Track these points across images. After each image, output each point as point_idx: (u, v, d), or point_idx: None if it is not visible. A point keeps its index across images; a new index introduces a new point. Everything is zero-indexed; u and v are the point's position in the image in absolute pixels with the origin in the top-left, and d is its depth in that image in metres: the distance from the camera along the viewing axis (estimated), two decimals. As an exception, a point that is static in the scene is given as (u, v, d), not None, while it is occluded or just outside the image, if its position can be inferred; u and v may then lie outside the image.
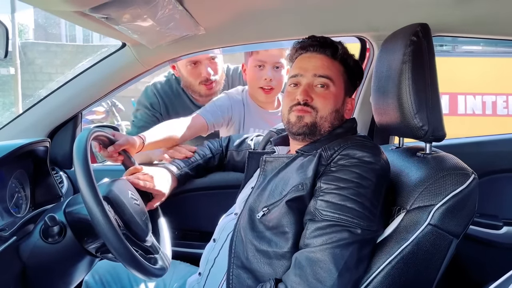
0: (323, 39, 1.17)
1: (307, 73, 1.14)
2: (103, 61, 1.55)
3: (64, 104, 1.58)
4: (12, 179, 1.20)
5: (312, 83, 1.14)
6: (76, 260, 1.07)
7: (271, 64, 1.70)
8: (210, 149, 1.53)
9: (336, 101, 1.14)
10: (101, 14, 1.03)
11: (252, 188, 1.16)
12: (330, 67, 1.14)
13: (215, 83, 1.93)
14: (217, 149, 1.54)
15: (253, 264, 1.03)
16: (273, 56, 1.70)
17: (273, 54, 1.70)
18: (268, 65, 1.70)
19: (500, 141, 1.86)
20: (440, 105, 1.05)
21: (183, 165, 1.46)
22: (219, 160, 1.54)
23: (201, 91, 1.93)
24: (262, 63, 1.71)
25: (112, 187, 1.08)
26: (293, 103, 1.14)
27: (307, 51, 1.18)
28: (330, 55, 1.15)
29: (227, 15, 1.38)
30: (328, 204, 0.97)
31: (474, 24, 1.44)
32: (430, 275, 0.99)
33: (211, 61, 1.89)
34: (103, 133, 1.17)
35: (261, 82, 1.72)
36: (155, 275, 1.02)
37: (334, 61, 1.16)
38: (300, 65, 1.17)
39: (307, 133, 1.12)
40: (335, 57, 1.16)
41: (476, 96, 3.99)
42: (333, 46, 1.16)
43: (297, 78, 1.16)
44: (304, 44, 1.18)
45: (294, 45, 1.21)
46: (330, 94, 1.13)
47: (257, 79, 1.73)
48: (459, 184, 0.95)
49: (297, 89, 1.14)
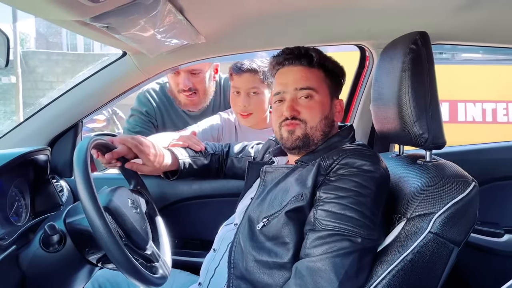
0: (297, 50, 1.16)
1: (289, 88, 1.14)
2: (103, 70, 1.55)
3: (64, 112, 1.58)
4: (12, 187, 1.20)
5: (295, 97, 1.13)
6: (76, 269, 1.07)
7: (245, 91, 1.68)
8: (212, 149, 1.54)
9: (323, 108, 1.14)
10: (102, 23, 1.04)
11: (252, 199, 1.16)
12: (309, 77, 1.14)
13: (196, 95, 1.93)
14: (218, 150, 1.55)
15: (253, 275, 1.03)
16: (247, 82, 1.67)
17: (247, 80, 1.67)
18: (243, 91, 1.68)
19: (500, 149, 1.86)
20: (440, 112, 1.06)
21: (187, 155, 1.46)
22: (218, 163, 1.54)
23: (181, 99, 1.95)
24: (237, 90, 1.70)
25: (112, 196, 1.08)
26: (281, 119, 1.14)
27: (284, 65, 1.18)
28: (307, 64, 1.15)
29: (227, 24, 1.39)
30: (328, 213, 0.97)
31: (473, 32, 1.44)
32: (431, 283, 0.98)
33: (193, 75, 1.89)
34: (103, 141, 1.17)
35: (237, 108, 1.72)
36: (155, 284, 1.01)
37: (312, 69, 1.15)
38: (280, 81, 1.17)
39: (300, 146, 1.12)
40: (312, 65, 1.15)
41: (476, 103, 4.00)
42: (308, 55, 1.15)
43: (281, 95, 1.16)
44: (279, 59, 1.18)
45: (270, 61, 1.21)
46: (316, 103, 1.13)
47: (234, 105, 1.74)
48: (460, 192, 0.95)
49: (282, 105, 1.15)
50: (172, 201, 1.60)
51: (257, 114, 1.71)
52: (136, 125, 1.96)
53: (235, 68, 1.68)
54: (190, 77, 1.89)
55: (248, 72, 1.65)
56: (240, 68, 1.66)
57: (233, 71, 1.69)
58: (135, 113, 1.99)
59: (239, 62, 1.68)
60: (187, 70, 1.87)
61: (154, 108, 1.99)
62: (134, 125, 1.96)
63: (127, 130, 1.99)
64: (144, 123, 1.96)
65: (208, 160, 1.51)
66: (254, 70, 1.65)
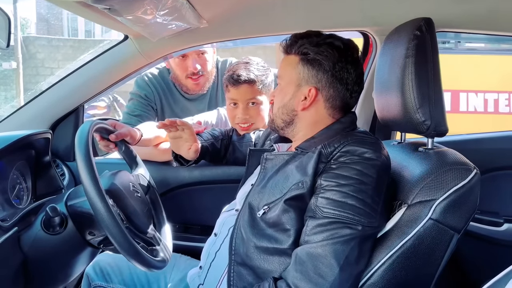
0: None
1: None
2: (105, 54, 1.55)
3: (66, 96, 1.57)
4: (14, 170, 1.20)
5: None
6: (77, 251, 1.07)
7: (243, 103, 1.58)
8: (221, 133, 1.55)
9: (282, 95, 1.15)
10: (104, 5, 1.03)
11: (252, 185, 1.16)
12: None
13: (202, 78, 1.92)
14: (225, 136, 1.56)
15: (253, 260, 1.03)
16: (245, 94, 1.57)
17: (245, 92, 1.57)
18: (241, 103, 1.58)
19: (501, 138, 1.86)
20: (442, 100, 1.05)
21: (202, 138, 1.48)
22: (224, 147, 1.55)
23: (187, 85, 1.94)
24: (235, 101, 1.59)
25: (114, 180, 1.08)
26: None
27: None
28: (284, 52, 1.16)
29: (229, 8, 1.38)
30: (329, 201, 0.96)
31: (478, 19, 1.43)
32: (431, 269, 0.98)
33: (200, 56, 1.89)
34: (104, 125, 1.17)
35: (236, 120, 1.61)
36: (156, 267, 1.02)
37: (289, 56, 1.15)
38: None
39: (273, 128, 1.18)
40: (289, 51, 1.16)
41: (478, 93, 3.98)
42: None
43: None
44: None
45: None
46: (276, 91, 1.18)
47: (232, 118, 1.63)
48: (461, 179, 0.95)
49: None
50: (173, 186, 1.60)
51: (258, 124, 1.62)
52: (135, 108, 1.94)
53: (231, 80, 1.56)
54: (197, 59, 1.89)
55: (246, 83, 1.54)
56: (237, 80, 1.54)
57: (229, 83, 1.57)
58: (134, 97, 1.98)
59: (235, 74, 1.55)
60: (193, 52, 1.86)
61: (153, 92, 1.97)
62: (133, 108, 1.95)
63: (126, 114, 1.97)
64: (143, 106, 1.95)
65: (219, 145, 1.52)
66: (252, 81, 1.54)
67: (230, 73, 1.55)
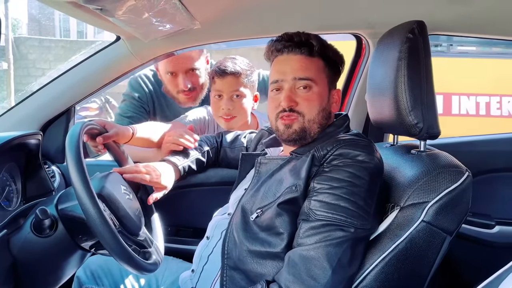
0: (298, 38, 1.11)
1: (287, 77, 1.10)
2: (97, 54, 1.53)
3: (57, 97, 1.56)
4: (3, 172, 1.19)
5: (294, 87, 1.10)
6: (68, 254, 1.06)
7: (228, 94, 1.63)
8: (207, 144, 1.52)
9: (321, 100, 1.11)
10: (96, 5, 1.02)
11: (245, 190, 1.15)
12: (309, 66, 1.10)
13: (194, 93, 1.90)
14: (213, 144, 1.54)
15: (246, 264, 1.03)
16: (230, 85, 1.62)
17: (230, 83, 1.62)
18: (225, 95, 1.63)
19: (493, 141, 1.87)
20: (435, 102, 1.06)
21: (184, 158, 1.43)
22: (215, 155, 1.53)
23: (179, 99, 1.91)
24: (219, 93, 1.64)
25: (105, 183, 1.07)
26: (278, 110, 1.11)
27: (282, 52, 1.13)
28: (307, 53, 1.10)
29: (223, 9, 1.38)
30: (321, 204, 0.96)
31: (470, 23, 1.44)
32: (423, 272, 0.99)
33: (190, 73, 1.86)
34: (95, 126, 1.16)
35: (220, 112, 1.66)
36: (148, 270, 1.01)
37: (312, 58, 1.11)
38: (278, 69, 1.13)
39: (297, 139, 1.10)
40: (312, 54, 1.11)
41: (470, 96, 4.02)
42: (309, 44, 1.11)
43: (278, 84, 1.12)
44: (278, 45, 1.13)
45: (268, 46, 1.16)
46: (314, 95, 1.10)
47: (216, 109, 1.68)
48: (453, 181, 0.95)
49: (280, 94, 1.11)
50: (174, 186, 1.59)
51: (240, 117, 1.66)
52: (128, 110, 1.93)
53: (217, 71, 1.62)
54: (187, 77, 1.85)
55: (231, 75, 1.60)
56: (224, 71, 1.60)
57: (216, 74, 1.62)
58: (127, 98, 1.96)
59: (222, 65, 1.61)
60: (183, 70, 1.83)
61: (146, 94, 1.96)
62: (125, 110, 1.94)
63: (119, 115, 1.96)
64: (136, 108, 1.93)
65: (205, 157, 1.49)
66: (238, 73, 1.60)
67: (217, 65, 1.63)
